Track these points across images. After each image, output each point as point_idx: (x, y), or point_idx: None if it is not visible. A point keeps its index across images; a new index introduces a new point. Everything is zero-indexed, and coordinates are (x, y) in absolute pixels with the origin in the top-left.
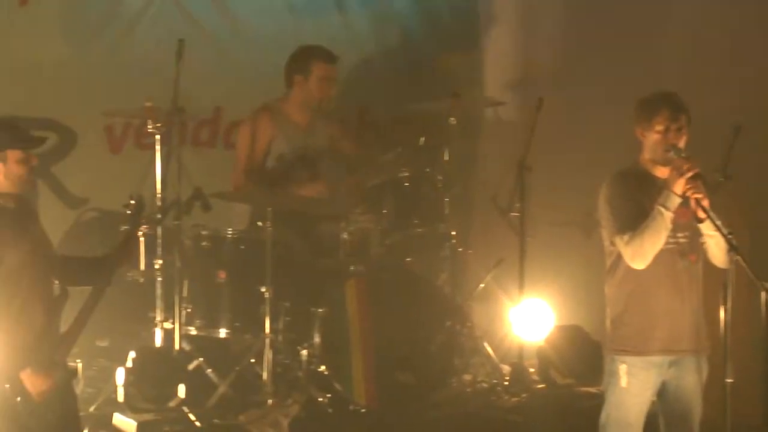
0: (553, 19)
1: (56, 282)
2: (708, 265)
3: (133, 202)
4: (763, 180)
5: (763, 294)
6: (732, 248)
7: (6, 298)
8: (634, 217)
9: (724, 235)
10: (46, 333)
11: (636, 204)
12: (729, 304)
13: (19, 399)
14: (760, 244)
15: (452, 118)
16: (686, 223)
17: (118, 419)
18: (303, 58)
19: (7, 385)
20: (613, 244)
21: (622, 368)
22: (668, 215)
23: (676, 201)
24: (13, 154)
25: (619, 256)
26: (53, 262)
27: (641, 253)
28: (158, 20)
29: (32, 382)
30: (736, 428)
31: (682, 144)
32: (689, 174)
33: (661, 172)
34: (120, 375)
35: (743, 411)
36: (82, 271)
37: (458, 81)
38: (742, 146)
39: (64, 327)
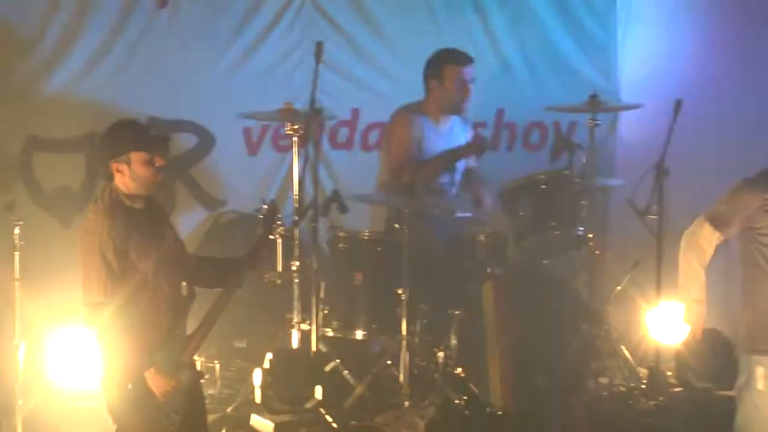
0: (693, 20)
1: (184, 283)
2: None
3: (266, 206)
4: None
5: None
6: None
7: (132, 298)
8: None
9: None
10: (171, 334)
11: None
12: None
13: (143, 399)
14: None
15: (590, 120)
16: None
17: (256, 420)
18: (436, 62)
19: (130, 386)
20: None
21: (759, 371)
22: None
23: None
24: (137, 156)
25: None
26: (183, 263)
27: None
28: (296, 22)
29: (156, 382)
30: None
31: None
32: None
33: None
34: (257, 376)
35: None
36: (214, 273)
37: (596, 82)
38: None
39: (191, 328)
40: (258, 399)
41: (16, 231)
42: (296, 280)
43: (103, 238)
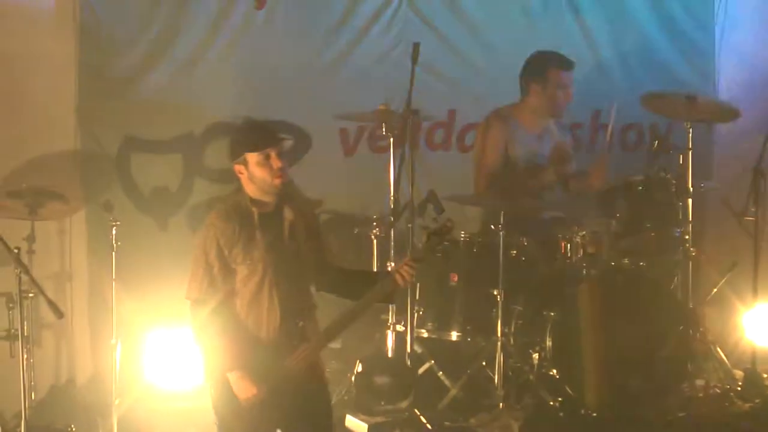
0: None
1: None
2: None
3: (446, 223)
4: None
5: None
6: None
7: (233, 299)
8: None
9: None
10: (276, 340)
11: None
12: None
13: (220, 400)
14: None
15: (687, 122)
16: None
17: (350, 421)
18: (539, 65)
19: (209, 383)
20: None
21: None
22: None
23: None
24: (252, 157)
25: None
26: (314, 270)
27: None
28: (393, 23)
29: (238, 386)
30: None
31: None
32: None
33: None
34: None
35: None
36: (353, 285)
37: (693, 84)
38: None
39: None
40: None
41: (114, 231)
42: None
43: (209, 240)
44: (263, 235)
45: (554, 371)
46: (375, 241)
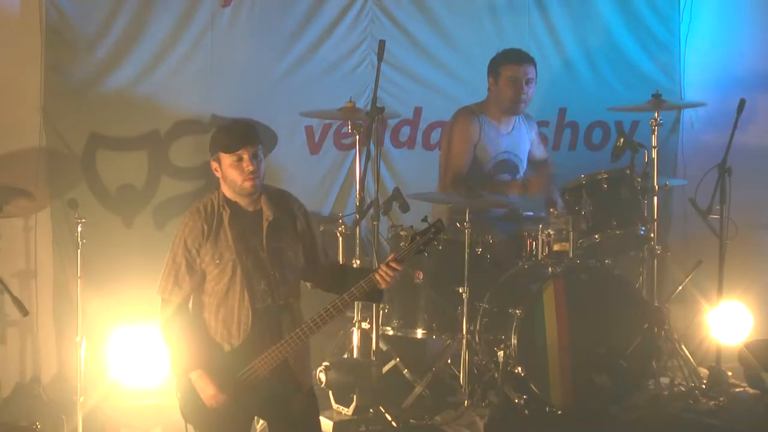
0: (756, 19)
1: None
2: None
3: (436, 224)
4: None
5: None
6: None
7: (200, 298)
8: None
9: None
10: (247, 338)
11: None
12: None
13: (179, 395)
14: None
15: (652, 120)
16: None
17: None
18: (494, 62)
19: (175, 382)
20: None
21: None
22: None
23: None
24: (225, 157)
25: None
26: (302, 268)
27: None
28: (359, 20)
29: (199, 385)
30: None
31: None
32: None
33: None
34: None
35: None
36: (345, 283)
37: (659, 81)
38: None
39: None
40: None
41: (79, 229)
42: None
43: (177, 238)
44: (235, 234)
45: (519, 369)
46: (341, 239)
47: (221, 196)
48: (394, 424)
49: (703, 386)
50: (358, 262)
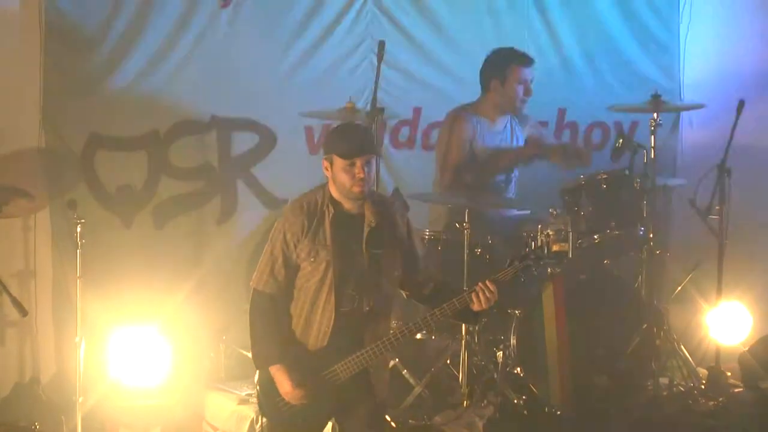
0: (756, 19)
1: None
2: None
3: (539, 250)
4: None
5: None
6: None
7: (291, 293)
8: None
9: None
10: (332, 340)
11: None
12: None
13: (258, 388)
14: None
15: (651, 120)
16: None
17: None
18: (499, 62)
19: (257, 373)
20: None
21: None
22: None
23: None
24: (338, 160)
25: None
26: (380, 275)
27: None
28: (358, 21)
29: (278, 379)
30: None
31: None
32: None
33: None
34: None
35: None
36: (439, 298)
37: (658, 82)
38: None
39: None
40: None
41: (78, 229)
42: None
43: (277, 231)
44: (334, 235)
45: (519, 369)
46: None
47: (327, 195)
48: (393, 424)
49: (702, 387)
50: None
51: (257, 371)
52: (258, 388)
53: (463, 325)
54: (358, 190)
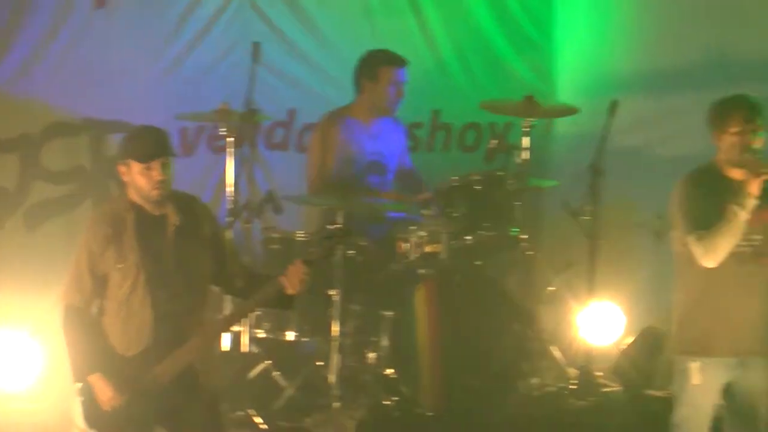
0: (628, 20)
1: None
2: None
3: (338, 225)
4: None
5: None
6: None
7: (100, 301)
8: (708, 216)
9: None
10: (150, 343)
11: (709, 204)
12: None
13: (82, 400)
14: None
15: (525, 121)
16: (761, 226)
17: None
18: (371, 63)
19: (80, 384)
20: (684, 244)
21: (694, 366)
22: (743, 215)
23: (752, 202)
24: (134, 165)
25: (689, 258)
26: (192, 274)
27: (713, 250)
28: (234, 23)
29: (98, 388)
30: None
31: (758, 146)
32: (766, 175)
33: (736, 174)
34: None
35: None
36: (254, 289)
37: (532, 83)
38: None
39: None
40: None
41: None
42: None
43: (82, 244)
44: (140, 239)
45: (390, 371)
46: None
47: (126, 200)
48: (264, 426)
49: (573, 387)
50: None
51: (79, 385)
52: (81, 400)
53: (334, 326)
54: (156, 193)
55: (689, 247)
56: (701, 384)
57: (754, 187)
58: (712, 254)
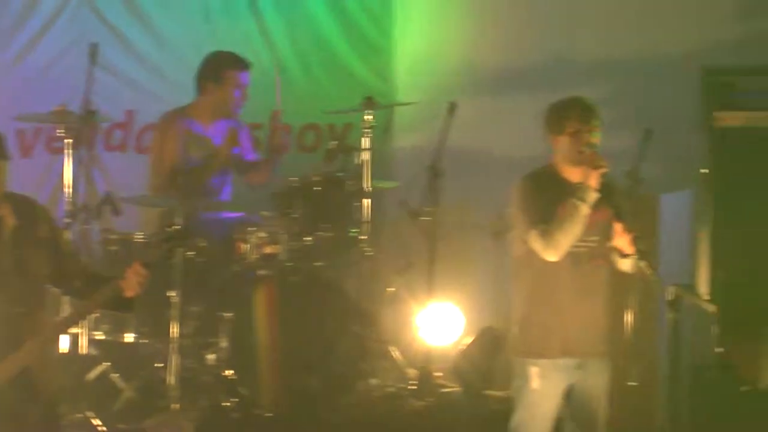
0: (466, 22)
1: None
2: (614, 268)
3: (176, 227)
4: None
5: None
6: (638, 253)
7: None
8: (548, 214)
9: (632, 240)
10: None
11: (549, 202)
12: (634, 308)
13: None
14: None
15: (364, 122)
16: (597, 227)
17: None
18: (215, 66)
19: None
20: (524, 242)
21: (534, 371)
22: (584, 208)
23: (592, 195)
24: None
25: (527, 260)
26: (28, 275)
27: (555, 243)
28: (72, 24)
29: None
30: (640, 430)
31: (596, 141)
32: (604, 168)
33: (573, 175)
34: None
35: (647, 413)
36: (92, 287)
37: (372, 85)
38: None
39: None
40: None
41: None
42: None
43: None
44: None
45: (230, 372)
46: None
47: None
48: (102, 428)
49: (412, 387)
50: None
51: None
52: None
53: (173, 327)
54: None
55: (531, 243)
56: (540, 389)
57: (593, 180)
58: (554, 248)
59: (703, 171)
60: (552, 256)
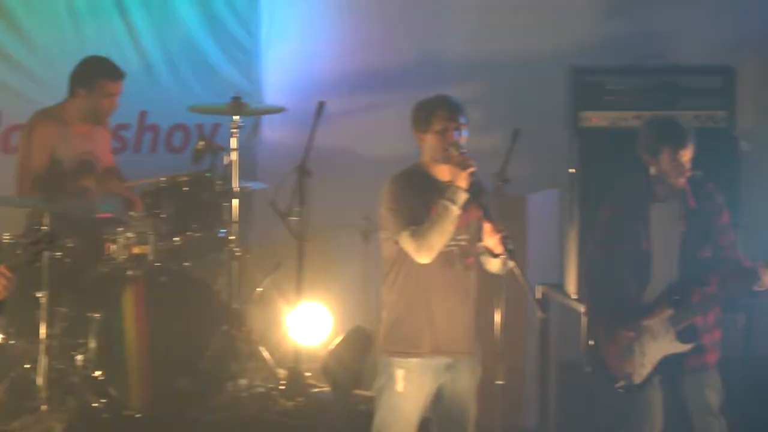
0: (333, 22)
1: None
2: (483, 268)
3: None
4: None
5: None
6: (508, 253)
7: None
8: (418, 214)
9: (501, 240)
10: None
11: (419, 202)
12: (503, 307)
13: None
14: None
15: (233, 123)
16: (467, 226)
17: None
18: (89, 73)
19: None
20: (395, 243)
21: (399, 373)
22: (455, 209)
23: (461, 195)
24: None
25: (398, 259)
26: None
27: (427, 245)
28: None
29: None
30: (508, 430)
31: (463, 142)
32: (472, 168)
33: (442, 173)
34: None
35: (515, 413)
36: None
37: (239, 85)
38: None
39: None
40: None
41: None
42: None
43: None
44: None
45: (99, 373)
46: None
47: None
48: None
49: (282, 387)
50: None
51: None
52: None
53: (41, 328)
54: None
55: (403, 244)
56: (404, 392)
57: (463, 181)
58: (426, 250)
59: (570, 170)
60: (424, 258)
